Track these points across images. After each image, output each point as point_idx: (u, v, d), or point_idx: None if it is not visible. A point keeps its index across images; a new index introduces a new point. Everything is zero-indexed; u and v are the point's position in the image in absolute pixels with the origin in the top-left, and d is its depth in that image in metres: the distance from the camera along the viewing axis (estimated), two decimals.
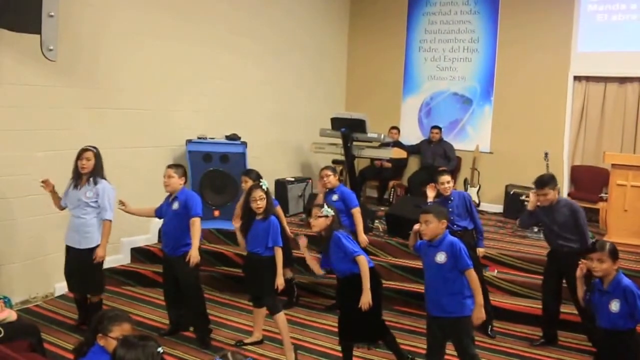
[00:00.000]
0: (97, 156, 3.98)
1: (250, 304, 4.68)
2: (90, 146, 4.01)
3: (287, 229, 4.66)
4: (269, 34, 6.76)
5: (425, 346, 3.26)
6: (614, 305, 2.89)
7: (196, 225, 3.89)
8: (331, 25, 7.92)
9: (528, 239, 5.76)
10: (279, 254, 3.75)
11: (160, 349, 2.15)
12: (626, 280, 2.94)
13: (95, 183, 3.94)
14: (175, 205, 3.93)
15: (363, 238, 4.55)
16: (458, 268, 3.12)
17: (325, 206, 3.48)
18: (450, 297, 3.12)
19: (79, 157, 3.94)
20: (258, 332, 4.03)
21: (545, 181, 4.01)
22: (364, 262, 3.36)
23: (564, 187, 6.90)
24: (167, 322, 4.24)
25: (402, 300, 4.72)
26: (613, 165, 5.59)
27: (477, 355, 3.21)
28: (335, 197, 4.59)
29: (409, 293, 4.74)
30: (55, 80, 4.59)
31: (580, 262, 3.14)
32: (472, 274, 3.13)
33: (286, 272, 4.22)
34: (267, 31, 6.71)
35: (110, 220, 3.99)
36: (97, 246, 3.98)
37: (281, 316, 3.78)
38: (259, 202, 3.71)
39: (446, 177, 4.44)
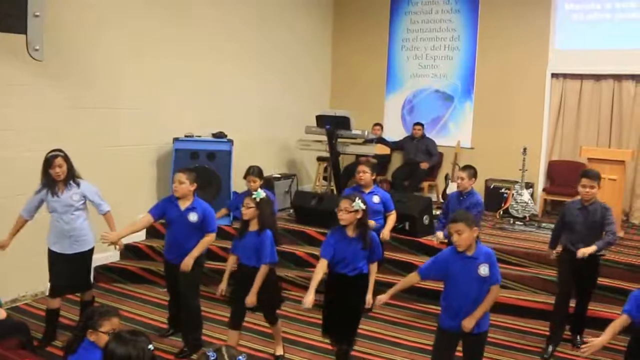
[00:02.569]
0: (67, 159, 3.80)
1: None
2: (56, 151, 3.80)
3: None
4: (254, 34, 6.82)
5: (407, 337, 3.29)
6: None
7: (209, 240, 3.82)
8: (315, 25, 8.01)
9: (505, 231, 5.91)
10: (264, 271, 3.45)
11: (150, 346, 2.18)
12: None
13: (78, 185, 3.84)
14: (194, 218, 3.75)
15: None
16: (489, 280, 2.85)
17: (357, 199, 3.20)
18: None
19: (50, 165, 3.71)
20: (280, 347, 3.89)
21: (598, 175, 3.78)
22: (376, 268, 3.42)
23: (540, 182, 7.09)
24: (158, 319, 4.32)
25: (382, 292, 4.79)
26: (589, 159, 5.73)
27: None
28: (376, 199, 4.24)
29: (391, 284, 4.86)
30: (42, 80, 4.60)
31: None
32: (498, 289, 2.88)
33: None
34: (252, 31, 6.77)
35: (110, 210, 3.96)
36: (91, 249, 3.95)
37: (278, 325, 3.81)
38: (243, 211, 3.51)
39: (460, 173, 4.33)
